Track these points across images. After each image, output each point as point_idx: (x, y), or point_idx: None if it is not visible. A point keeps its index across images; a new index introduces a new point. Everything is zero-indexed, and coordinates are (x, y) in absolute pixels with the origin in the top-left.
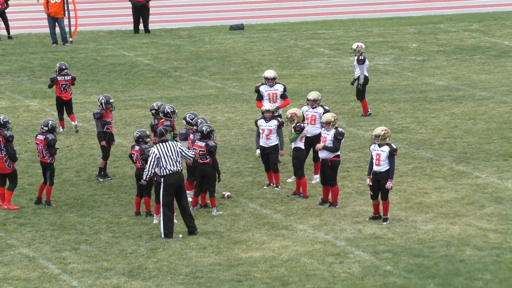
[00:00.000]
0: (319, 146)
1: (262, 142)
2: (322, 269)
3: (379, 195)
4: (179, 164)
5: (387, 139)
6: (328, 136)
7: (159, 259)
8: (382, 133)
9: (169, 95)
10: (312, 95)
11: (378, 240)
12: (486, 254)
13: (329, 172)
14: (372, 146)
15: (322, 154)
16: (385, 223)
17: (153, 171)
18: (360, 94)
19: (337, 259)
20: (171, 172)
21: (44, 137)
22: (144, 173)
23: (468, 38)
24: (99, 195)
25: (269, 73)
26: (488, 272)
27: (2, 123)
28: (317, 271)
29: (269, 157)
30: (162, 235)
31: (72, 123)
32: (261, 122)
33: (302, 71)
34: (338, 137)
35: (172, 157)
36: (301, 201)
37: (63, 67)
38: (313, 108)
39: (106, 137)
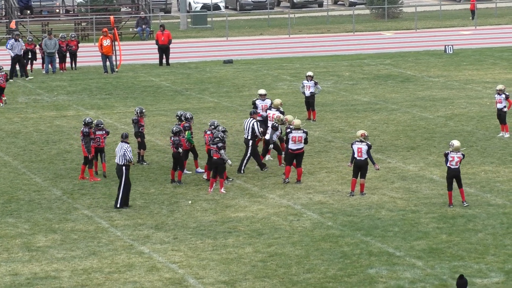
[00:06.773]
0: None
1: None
2: (285, 224)
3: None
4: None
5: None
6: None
7: (175, 218)
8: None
9: (182, 107)
10: (275, 102)
11: (323, 205)
12: (395, 214)
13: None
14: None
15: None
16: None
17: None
18: (312, 105)
19: (295, 217)
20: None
21: (103, 131)
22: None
23: (383, 69)
24: (135, 174)
25: (262, 91)
26: (397, 226)
27: (86, 122)
28: (282, 225)
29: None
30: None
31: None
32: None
33: (272, 91)
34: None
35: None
36: (271, 179)
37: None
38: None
39: (140, 135)
